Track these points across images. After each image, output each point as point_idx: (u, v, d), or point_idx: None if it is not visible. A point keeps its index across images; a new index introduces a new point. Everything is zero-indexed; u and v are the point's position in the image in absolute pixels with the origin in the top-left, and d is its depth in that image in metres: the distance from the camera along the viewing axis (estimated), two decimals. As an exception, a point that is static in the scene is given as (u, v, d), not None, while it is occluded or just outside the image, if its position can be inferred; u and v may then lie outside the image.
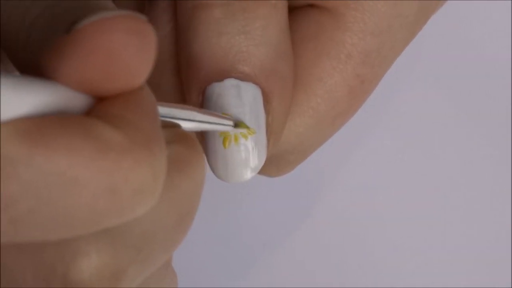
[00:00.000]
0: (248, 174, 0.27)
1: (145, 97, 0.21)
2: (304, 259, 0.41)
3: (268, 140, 0.27)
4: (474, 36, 0.40)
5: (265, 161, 0.28)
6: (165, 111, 0.24)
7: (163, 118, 0.23)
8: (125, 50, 0.19)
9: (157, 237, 0.22)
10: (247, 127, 0.27)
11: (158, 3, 0.28)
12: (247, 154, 0.27)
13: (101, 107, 0.20)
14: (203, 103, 0.27)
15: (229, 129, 0.26)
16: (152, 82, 0.28)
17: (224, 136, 0.27)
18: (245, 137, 0.27)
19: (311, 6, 0.29)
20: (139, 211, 0.20)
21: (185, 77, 0.27)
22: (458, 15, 0.40)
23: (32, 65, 0.20)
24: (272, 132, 0.27)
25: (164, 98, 0.29)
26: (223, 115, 0.27)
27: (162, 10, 0.28)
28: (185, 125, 0.24)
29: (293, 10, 0.29)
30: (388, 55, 0.29)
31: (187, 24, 0.27)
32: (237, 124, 0.27)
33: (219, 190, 0.40)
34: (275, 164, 0.29)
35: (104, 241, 0.21)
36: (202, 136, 0.28)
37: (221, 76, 0.27)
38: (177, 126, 0.24)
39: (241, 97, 0.27)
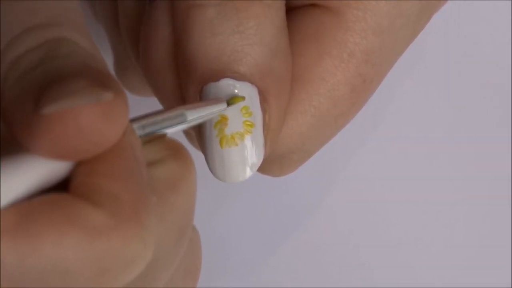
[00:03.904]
0: (246, 174, 0.27)
1: (126, 155, 0.21)
2: (305, 260, 0.41)
3: (265, 139, 0.27)
4: (474, 36, 0.40)
5: (268, 161, 0.28)
6: (153, 121, 0.24)
7: (150, 132, 0.23)
8: (94, 130, 0.20)
9: (159, 261, 0.22)
10: (241, 98, 0.27)
11: (158, 5, 0.28)
12: (244, 153, 0.27)
13: (81, 179, 0.20)
14: None
15: (224, 109, 0.26)
16: (154, 83, 0.29)
17: (221, 136, 0.27)
18: (242, 136, 0.27)
19: (313, 5, 0.29)
20: (132, 276, 0.20)
21: (183, 77, 0.28)
22: (459, 15, 0.40)
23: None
24: (269, 131, 0.27)
25: (166, 99, 0.29)
26: (214, 100, 0.27)
27: (162, 12, 0.28)
28: (176, 129, 0.24)
29: (294, 10, 0.29)
30: (390, 54, 0.29)
31: (182, 25, 0.27)
32: (229, 101, 0.27)
33: (220, 190, 0.40)
34: (278, 164, 0.29)
35: None
36: (200, 137, 0.28)
37: (217, 76, 0.27)
38: (165, 135, 0.24)
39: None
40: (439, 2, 0.31)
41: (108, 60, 0.36)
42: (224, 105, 0.26)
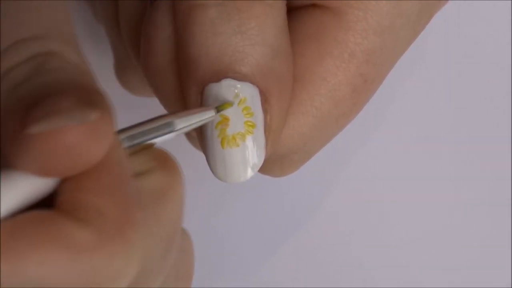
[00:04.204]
0: (247, 174, 0.27)
1: (112, 170, 0.21)
2: (305, 261, 0.41)
3: (267, 139, 0.27)
4: (475, 37, 0.40)
5: (269, 161, 0.28)
6: (141, 132, 0.24)
7: (138, 143, 0.24)
8: (80, 149, 0.20)
9: (147, 272, 0.22)
10: (230, 104, 0.27)
11: (159, 5, 0.28)
12: (245, 154, 0.27)
13: (67, 195, 0.20)
14: (201, 104, 0.27)
15: (213, 117, 0.26)
16: (155, 84, 0.29)
17: (222, 137, 0.27)
18: (243, 137, 0.27)
19: (314, 5, 0.29)
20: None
21: (184, 78, 0.28)
22: (459, 15, 0.40)
23: None
24: (271, 131, 0.27)
25: (166, 99, 0.29)
26: (202, 108, 0.27)
27: (163, 12, 0.28)
28: (165, 138, 0.24)
29: (295, 10, 0.29)
30: (391, 54, 0.29)
31: (184, 25, 0.27)
32: (218, 108, 0.27)
33: (221, 190, 0.40)
34: (279, 164, 0.29)
35: None
36: (201, 137, 0.28)
37: (218, 76, 0.27)
38: (153, 145, 0.24)
39: (238, 97, 0.27)
40: (440, 2, 0.31)
41: (108, 60, 0.36)
42: (212, 113, 0.26)
